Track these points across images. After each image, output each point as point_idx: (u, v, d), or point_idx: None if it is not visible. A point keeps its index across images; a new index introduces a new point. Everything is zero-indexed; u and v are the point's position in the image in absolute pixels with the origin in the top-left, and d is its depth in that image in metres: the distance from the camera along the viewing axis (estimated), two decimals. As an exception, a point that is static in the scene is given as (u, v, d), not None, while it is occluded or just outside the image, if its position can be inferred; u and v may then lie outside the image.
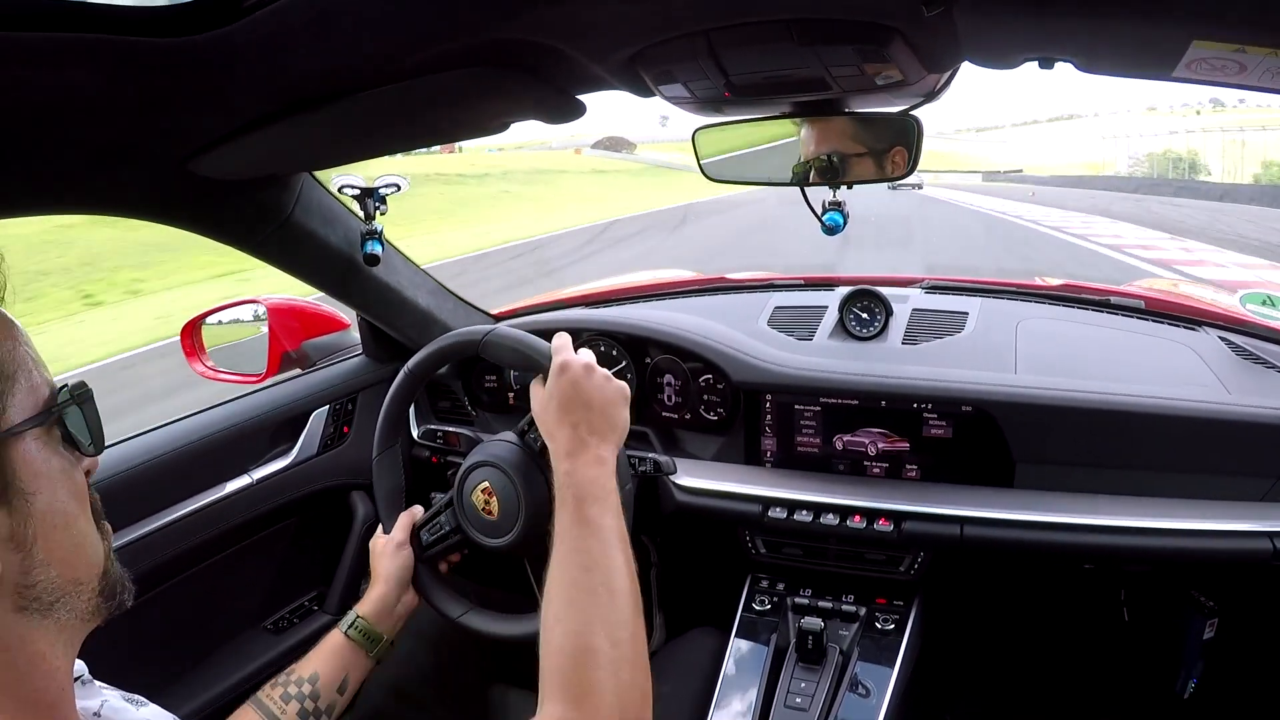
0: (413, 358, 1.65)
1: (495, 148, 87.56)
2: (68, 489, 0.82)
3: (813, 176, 1.47)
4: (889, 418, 1.89)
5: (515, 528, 1.56)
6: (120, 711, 0.95)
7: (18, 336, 0.82)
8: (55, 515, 0.80)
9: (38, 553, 0.78)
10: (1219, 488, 1.71)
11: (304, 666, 1.50)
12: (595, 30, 1.08)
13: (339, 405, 2.20)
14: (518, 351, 1.50)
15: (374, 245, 1.86)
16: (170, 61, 0.97)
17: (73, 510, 0.82)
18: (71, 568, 0.82)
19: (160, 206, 1.51)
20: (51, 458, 0.81)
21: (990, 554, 1.84)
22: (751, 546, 1.96)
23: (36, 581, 0.78)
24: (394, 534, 1.67)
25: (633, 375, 2.17)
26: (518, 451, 1.58)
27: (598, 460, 1.32)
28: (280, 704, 1.44)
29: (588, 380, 1.39)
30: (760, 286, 2.50)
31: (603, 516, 1.25)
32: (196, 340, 2.21)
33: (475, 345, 1.54)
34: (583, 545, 1.22)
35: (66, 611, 0.81)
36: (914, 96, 1.30)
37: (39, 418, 0.80)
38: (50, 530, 0.79)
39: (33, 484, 0.78)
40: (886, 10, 0.99)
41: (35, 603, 0.78)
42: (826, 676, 1.73)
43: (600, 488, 1.29)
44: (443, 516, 1.68)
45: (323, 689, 1.49)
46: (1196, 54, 0.93)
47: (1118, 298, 2.18)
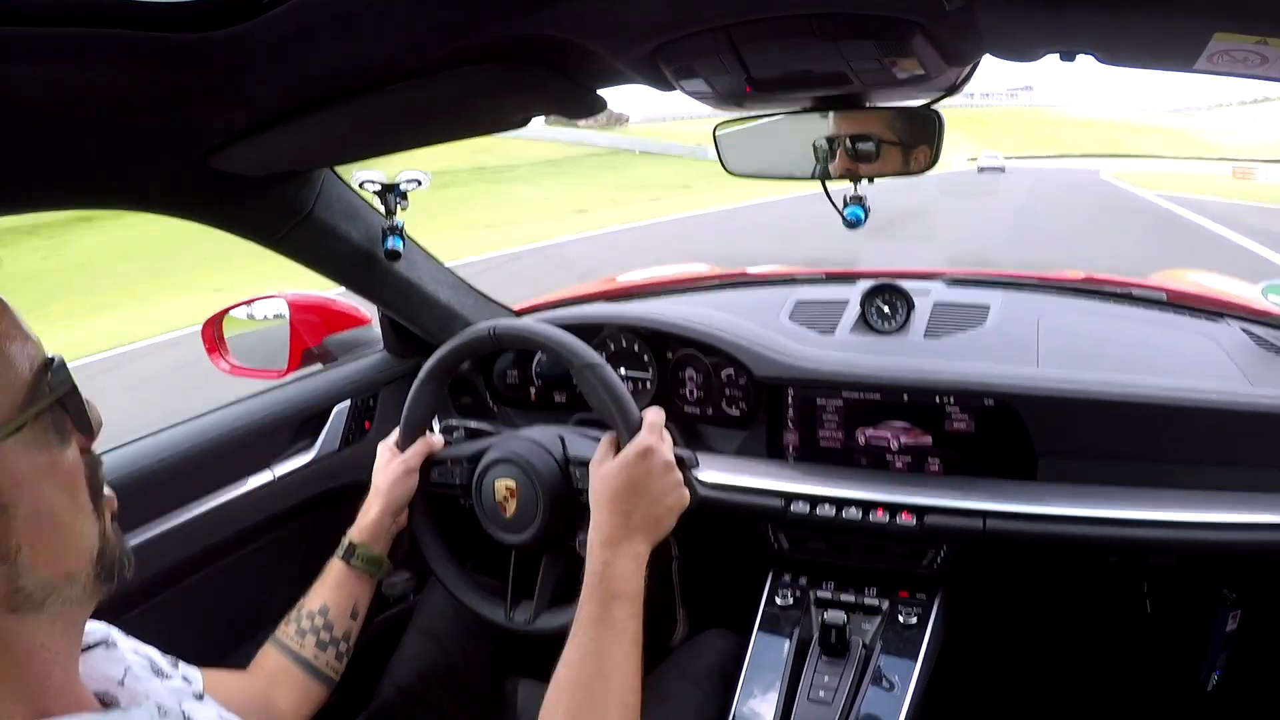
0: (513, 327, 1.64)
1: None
2: (55, 483, 0.78)
3: (833, 171, 1.47)
4: (911, 411, 1.88)
5: (529, 529, 1.58)
6: (143, 681, 0.94)
7: (6, 306, 0.78)
8: (42, 517, 0.76)
9: (24, 559, 0.75)
10: (1242, 480, 1.70)
11: (312, 601, 1.54)
12: (616, 25, 1.08)
13: (360, 401, 2.20)
14: (607, 403, 1.48)
15: (395, 241, 1.87)
16: (190, 57, 0.98)
17: (61, 504, 0.79)
18: (61, 562, 0.79)
19: (181, 202, 1.52)
20: (36, 455, 0.76)
21: (1013, 547, 1.83)
22: (774, 541, 1.95)
23: (24, 585, 0.75)
24: (408, 458, 1.69)
25: (654, 372, 2.17)
26: (549, 462, 1.59)
27: (636, 556, 1.34)
28: (296, 639, 1.49)
29: (663, 477, 1.40)
30: (781, 281, 2.50)
31: (628, 620, 1.28)
32: (218, 336, 2.22)
33: (572, 368, 1.53)
34: (602, 649, 1.24)
35: (60, 603, 0.79)
36: (934, 91, 1.30)
37: (18, 419, 0.75)
38: (37, 533, 0.76)
39: (14, 494, 0.74)
40: (908, 4, 0.99)
41: (26, 603, 0.76)
42: (850, 670, 1.73)
43: (633, 587, 1.31)
44: (458, 469, 1.70)
45: (335, 619, 1.53)
46: (1218, 46, 0.92)
47: (1139, 290, 2.17)
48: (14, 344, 0.77)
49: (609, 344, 2.20)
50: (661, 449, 1.41)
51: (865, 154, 1.42)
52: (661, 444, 1.42)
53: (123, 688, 0.90)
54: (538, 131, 68.01)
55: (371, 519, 1.63)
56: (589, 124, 71.52)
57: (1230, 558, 1.79)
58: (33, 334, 0.80)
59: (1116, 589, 2.36)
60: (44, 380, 0.78)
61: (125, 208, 1.47)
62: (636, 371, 2.19)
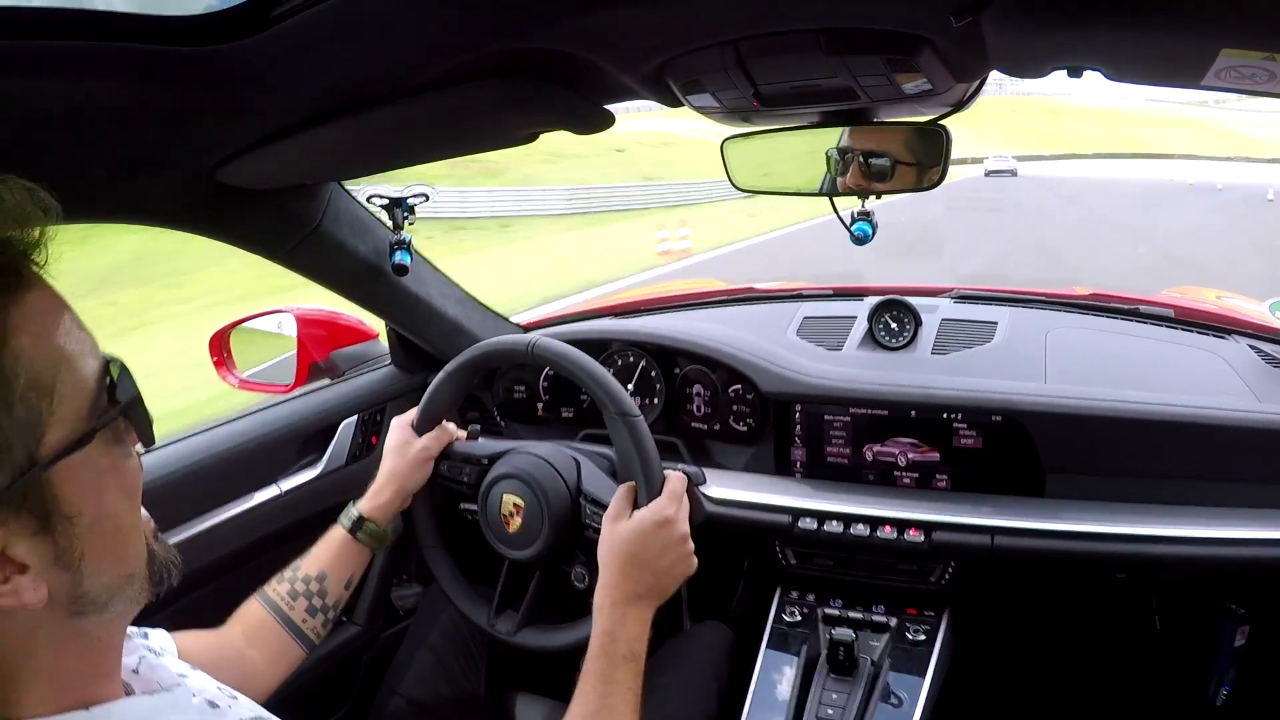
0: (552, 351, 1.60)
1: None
2: (119, 488, 0.79)
3: (841, 187, 1.47)
4: (919, 428, 1.88)
5: (530, 548, 1.59)
6: (156, 670, 0.94)
7: (63, 323, 0.75)
8: (105, 523, 0.77)
9: (87, 566, 0.75)
10: (1250, 495, 1.69)
11: (309, 565, 1.55)
12: (623, 40, 1.08)
13: (367, 416, 2.20)
14: (634, 459, 1.47)
15: (403, 255, 1.87)
16: (198, 71, 0.98)
17: (122, 509, 0.79)
18: (123, 565, 0.80)
19: (189, 215, 1.52)
20: (100, 461, 0.76)
21: (1021, 564, 1.82)
22: (782, 557, 1.95)
23: (88, 590, 0.76)
24: (429, 445, 1.68)
25: (662, 388, 2.17)
26: (560, 488, 1.59)
27: (643, 620, 1.35)
28: (288, 600, 1.50)
29: (677, 548, 1.40)
30: (789, 296, 2.49)
31: (633, 681, 1.30)
32: (226, 350, 2.22)
33: (606, 412, 1.51)
34: (609, 704, 1.26)
35: (122, 603, 0.80)
36: (942, 106, 1.29)
37: (86, 435, 0.74)
38: (100, 540, 0.76)
39: (78, 504, 0.74)
40: (915, 20, 0.99)
41: (90, 606, 0.77)
42: (858, 687, 1.72)
43: (640, 649, 1.33)
44: (469, 468, 1.70)
45: (330, 588, 1.54)
46: (1225, 62, 0.92)
47: (1147, 307, 2.17)
48: (77, 348, 0.75)
49: (616, 359, 2.19)
50: (679, 520, 1.40)
51: (875, 170, 1.42)
52: (680, 513, 1.41)
53: (137, 675, 0.91)
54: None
55: (385, 500, 1.62)
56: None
57: (1238, 573, 1.78)
58: (90, 336, 0.79)
59: (1125, 605, 2.35)
60: (107, 387, 0.77)
61: (132, 221, 1.47)
62: (644, 387, 2.19)
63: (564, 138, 1.52)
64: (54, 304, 0.75)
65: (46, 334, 0.73)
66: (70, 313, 0.76)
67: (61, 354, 0.73)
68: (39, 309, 0.73)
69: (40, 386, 0.71)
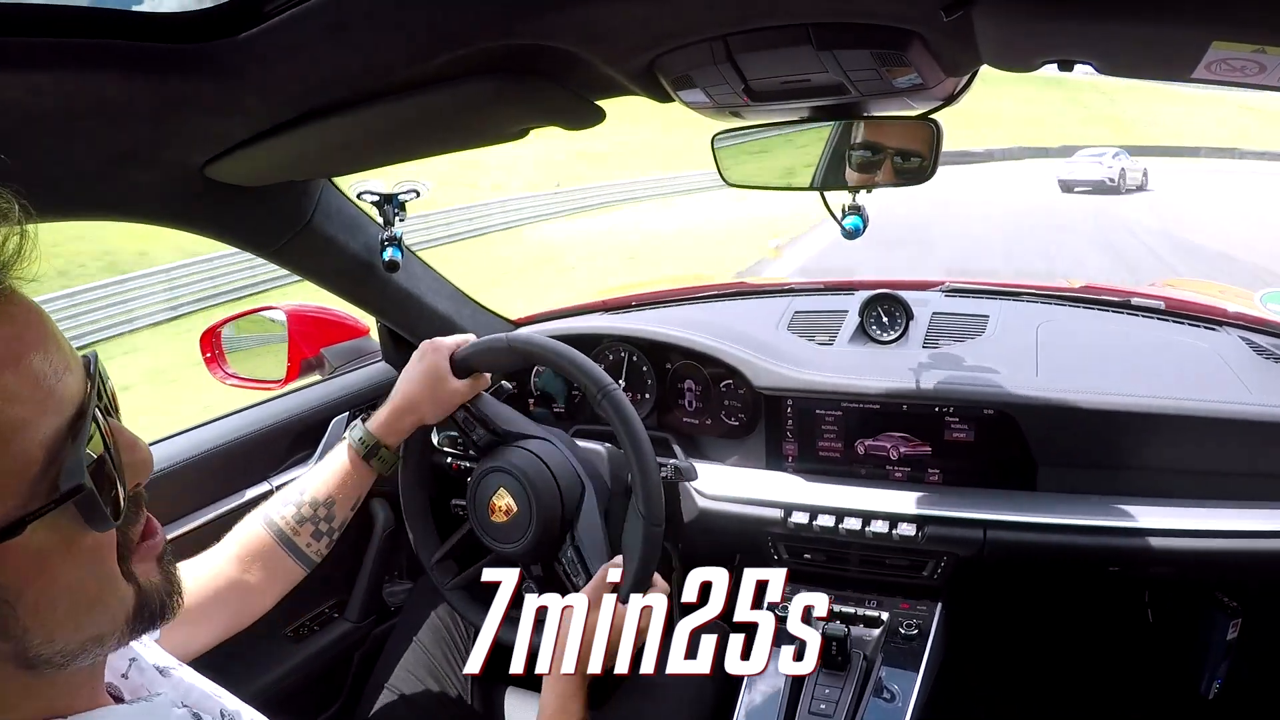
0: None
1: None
2: (77, 563, 0.69)
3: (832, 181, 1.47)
4: (910, 421, 1.88)
5: (511, 544, 1.61)
6: (146, 673, 0.91)
7: (22, 353, 0.65)
8: (56, 600, 0.68)
9: (34, 636, 0.67)
10: (1242, 488, 1.70)
11: (317, 488, 1.55)
12: (613, 35, 1.08)
13: (359, 412, 2.20)
14: (637, 554, 1.52)
15: (394, 251, 1.87)
16: (188, 67, 0.98)
17: (82, 579, 0.70)
18: (88, 629, 0.72)
19: (179, 212, 1.52)
20: (46, 541, 0.66)
21: (1014, 558, 1.82)
22: (774, 552, 1.95)
23: (41, 653, 0.69)
24: (462, 388, 1.66)
25: (654, 384, 2.17)
26: (555, 506, 1.63)
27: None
28: (293, 524, 1.51)
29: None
30: (779, 291, 2.49)
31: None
32: (216, 348, 2.21)
33: (592, 395, 1.55)
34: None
35: (88, 659, 0.73)
36: (933, 100, 1.29)
37: (14, 525, 0.64)
38: (50, 615, 0.68)
39: (16, 588, 0.66)
40: (904, 14, 0.99)
41: (45, 665, 0.69)
42: (850, 683, 1.72)
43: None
44: (481, 432, 1.73)
45: (338, 511, 1.56)
46: (1216, 55, 0.92)
47: (1138, 299, 2.17)
48: (20, 413, 0.64)
49: (607, 355, 2.19)
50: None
51: (866, 164, 1.42)
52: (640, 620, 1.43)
53: (125, 680, 0.88)
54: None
55: (402, 428, 1.63)
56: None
57: (1230, 566, 1.79)
58: (60, 382, 0.68)
59: (1117, 598, 2.36)
60: (61, 456, 0.66)
61: (121, 218, 1.47)
62: (635, 383, 2.18)
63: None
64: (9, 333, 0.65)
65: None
66: (26, 361, 0.66)
67: (9, 408, 0.63)
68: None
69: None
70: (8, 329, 0.65)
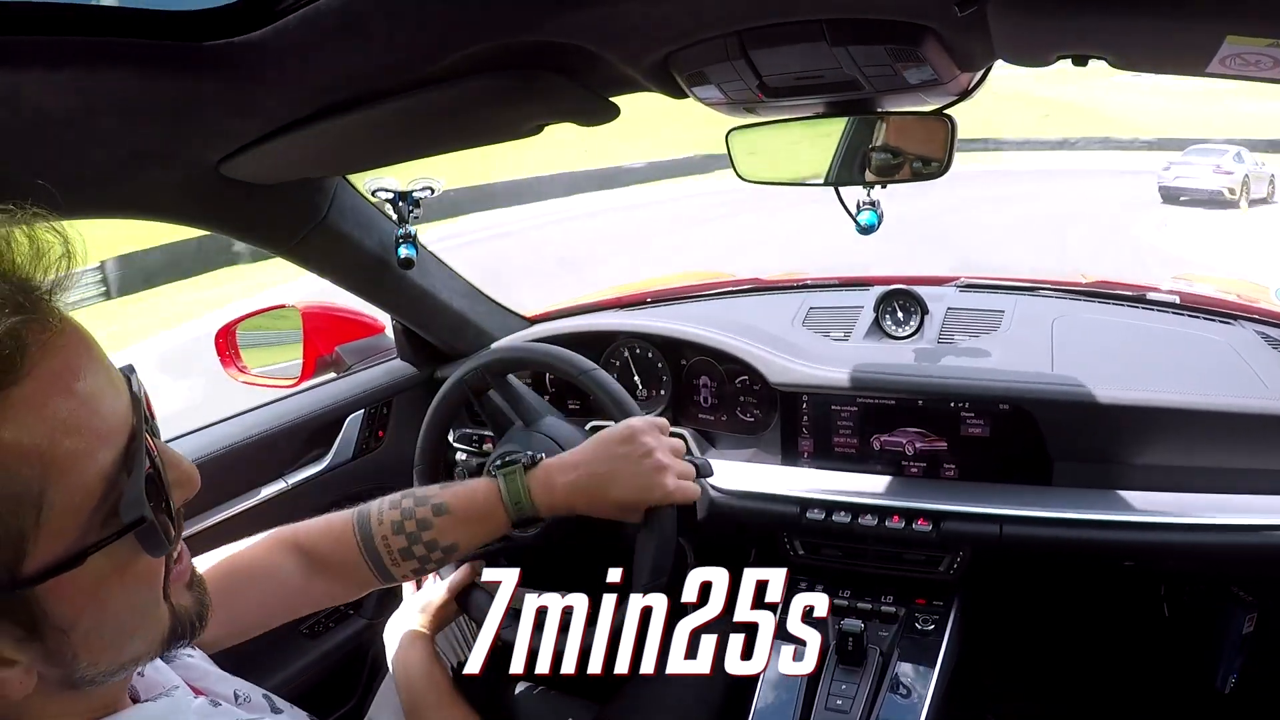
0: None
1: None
2: (127, 589, 0.71)
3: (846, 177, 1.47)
4: (926, 417, 1.88)
5: (526, 531, 1.59)
6: (158, 669, 0.91)
7: (61, 411, 0.64)
8: (105, 627, 0.70)
9: (81, 661, 0.69)
10: (1257, 482, 1.70)
11: (444, 532, 1.32)
12: (627, 32, 1.08)
13: (374, 409, 2.21)
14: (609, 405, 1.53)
15: (408, 249, 1.87)
16: (203, 65, 0.98)
17: (131, 606, 0.72)
18: (129, 653, 0.74)
19: (194, 210, 1.53)
20: (103, 566, 0.67)
21: (1030, 552, 1.82)
22: (790, 548, 1.94)
23: (84, 675, 0.71)
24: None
25: (668, 380, 2.17)
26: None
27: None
28: (398, 558, 1.32)
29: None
30: (794, 287, 2.49)
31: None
32: (231, 345, 2.22)
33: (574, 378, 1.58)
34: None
35: (124, 675, 0.76)
36: (947, 95, 1.29)
37: (78, 555, 0.65)
38: (99, 642, 0.70)
39: (72, 618, 0.67)
40: (919, 9, 0.99)
41: (88, 685, 0.72)
42: (867, 678, 1.72)
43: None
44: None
45: (451, 557, 1.37)
46: (1230, 49, 0.92)
47: (1152, 293, 2.17)
48: (77, 444, 0.64)
49: (622, 352, 2.19)
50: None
51: (880, 160, 1.42)
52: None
53: (142, 678, 0.88)
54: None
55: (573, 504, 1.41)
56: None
57: (1246, 560, 1.78)
58: (115, 408, 0.68)
59: (1133, 593, 2.35)
60: (119, 485, 0.67)
61: (136, 216, 1.48)
62: (650, 379, 2.19)
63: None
64: (52, 386, 0.64)
65: (32, 430, 0.62)
66: (80, 391, 0.65)
67: (52, 457, 0.63)
68: (30, 396, 0.62)
69: (23, 500, 0.61)
70: (59, 360, 0.65)
